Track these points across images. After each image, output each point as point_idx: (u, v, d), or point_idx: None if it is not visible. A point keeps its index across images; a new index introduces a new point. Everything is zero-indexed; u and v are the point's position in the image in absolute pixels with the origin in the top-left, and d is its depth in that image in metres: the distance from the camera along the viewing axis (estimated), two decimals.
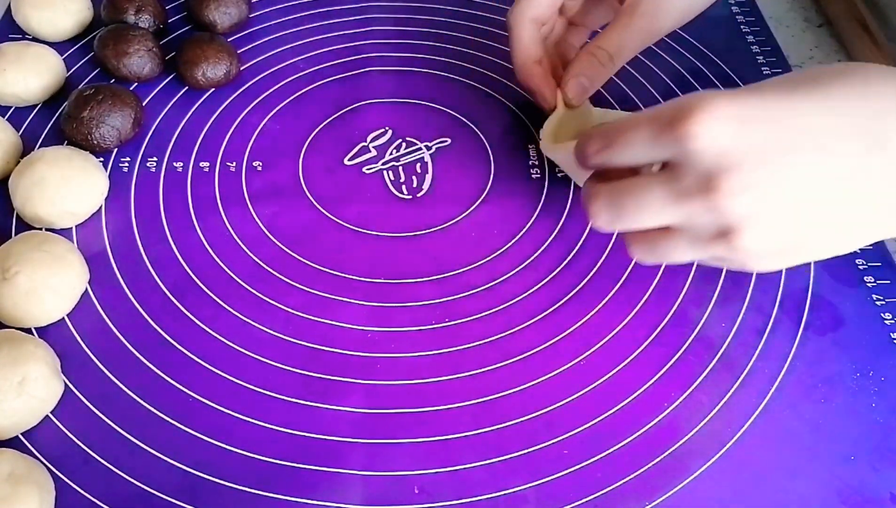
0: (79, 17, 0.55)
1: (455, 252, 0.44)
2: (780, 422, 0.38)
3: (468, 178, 0.48)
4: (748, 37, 0.57)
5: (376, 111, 0.52)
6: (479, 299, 0.42)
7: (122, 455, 0.36)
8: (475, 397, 0.38)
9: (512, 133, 0.50)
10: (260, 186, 0.47)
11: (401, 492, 0.35)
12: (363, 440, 0.37)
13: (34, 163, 0.44)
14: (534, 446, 0.37)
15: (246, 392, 0.38)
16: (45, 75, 0.50)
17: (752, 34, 0.57)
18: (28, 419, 0.37)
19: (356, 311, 0.42)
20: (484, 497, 0.35)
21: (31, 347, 0.37)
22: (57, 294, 0.40)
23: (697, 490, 0.35)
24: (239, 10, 0.55)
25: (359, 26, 0.57)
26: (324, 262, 0.44)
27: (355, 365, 0.39)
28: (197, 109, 0.51)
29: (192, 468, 0.36)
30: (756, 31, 0.57)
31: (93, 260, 0.43)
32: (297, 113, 0.51)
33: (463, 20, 0.58)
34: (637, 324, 0.41)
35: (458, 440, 0.37)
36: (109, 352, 0.40)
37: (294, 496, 0.35)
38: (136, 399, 0.38)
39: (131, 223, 0.45)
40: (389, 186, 0.48)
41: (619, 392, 0.38)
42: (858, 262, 0.44)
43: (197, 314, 0.41)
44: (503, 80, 0.54)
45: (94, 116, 0.47)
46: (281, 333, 0.41)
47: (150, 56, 0.51)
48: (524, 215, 0.46)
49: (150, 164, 0.48)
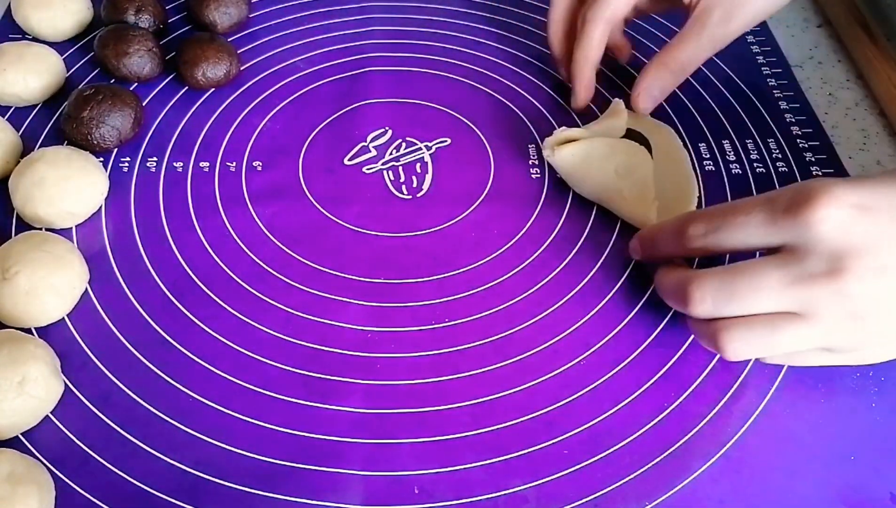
0: (79, 17, 0.55)
1: (455, 252, 0.44)
2: (780, 422, 0.38)
3: (468, 178, 0.48)
4: (748, 36, 0.57)
5: (376, 111, 0.52)
6: (479, 299, 0.42)
7: (122, 455, 0.36)
8: (475, 397, 0.38)
9: (512, 133, 0.50)
10: (260, 187, 0.47)
11: (401, 492, 0.35)
12: (363, 440, 0.37)
13: (34, 163, 0.44)
14: (534, 446, 0.37)
15: (246, 392, 0.38)
16: (45, 75, 0.50)
17: (751, 34, 0.57)
18: (28, 419, 0.37)
19: (356, 311, 0.42)
20: (484, 497, 0.35)
21: (31, 347, 0.37)
22: (57, 294, 0.40)
23: (697, 490, 0.35)
24: (239, 10, 0.55)
25: (359, 26, 0.57)
26: (324, 262, 0.44)
27: (355, 365, 0.39)
28: (197, 109, 0.51)
29: (192, 468, 0.36)
30: (756, 31, 0.57)
31: (93, 260, 0.43)
32: (297, 113, 0.51)
33: (463, 20, 0.58)
34: (637, 324, 0.41)
35: (458, 441, 0.37)
36: (109, 352, 0.40)
37: (294, 496, 0.35)
38: (136, 399, 0.38)
39: (131, 223, 0.45)
40: (389, 186, 0.48)
41: (619, 392, 0.38)
42: None
43: (197, 314, 0.41)
44: (503, 80, 0.54)
45: (94, 116, 0.47)
46: (281, 333, 0.41)
47: (150, 56, 0.51)
48: (524, 215, 0.46)
49: (150, 164, 0.48)
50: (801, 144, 0.50)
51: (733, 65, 0.55)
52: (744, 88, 0.53)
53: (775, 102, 0.52)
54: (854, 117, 0.53)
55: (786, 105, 0.52)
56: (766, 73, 0.54)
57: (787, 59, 0.55)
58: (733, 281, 0.32)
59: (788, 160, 0.49)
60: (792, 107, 0.52)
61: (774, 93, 0.53)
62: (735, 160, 0.49)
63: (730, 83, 0.54)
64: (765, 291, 0.32)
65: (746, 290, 0.32)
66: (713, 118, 0.51)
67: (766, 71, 0.54)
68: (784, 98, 0.53)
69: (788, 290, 0.31)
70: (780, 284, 0.31)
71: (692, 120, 0.51)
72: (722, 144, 0.50)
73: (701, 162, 0.49)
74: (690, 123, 0.51)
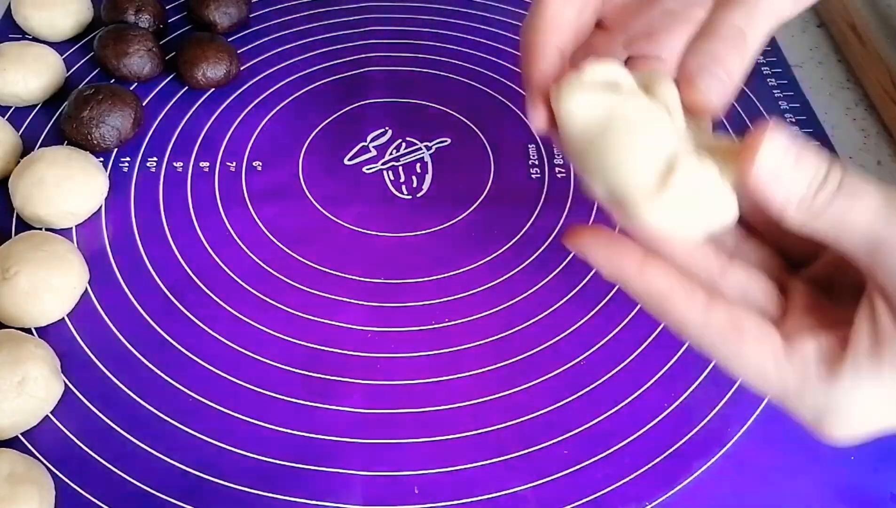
0: (79, 17, 0.55)
1: (455, 252, 0.44)
2: (780, 422, 0.37)
3: (468, 178, 0.48)
4: None
5: (376, 111, 0.52)
6: (479, 299, 0.42)
7: (122, 455, 0.36)
8: (475, 397, 0.38)
9: (512, 133, 0.50)
10: (260, 187, 0.47)
11: (401, 492, 0.35)
12: (363, 441, 0.37)
13: (34, 163, 0.44)
14: (534, 446, 0.37)
15: (246, 392, 0.38)
16: (45, 75, 0.50)
17: None
18: (28, 419, 0.36)
19: (356, 311, 0.42)
20: (484, 497, 0.35)
21: (31, 347, 0.37)
22: (57, 294, 0.40)
23: (697, 490, 0.35)
24: (239, 10, 0.55)
25: (359, 26, 0.57)
26: (324, 262, 0.44)
27: (355, 365, 0.39)
28: (197, 109, 0.51)
29: (192, 468, 0.36)
30: None
31: (92, 260, 0.43)
32: (297, 113, 0.51)
33: (463, 20, 0.58)
34: (637, 324, 0.41)
35: (458, 441, 0.37)
36: (109, 352, 0.40)
37: (294, 496, 0.35)
38: (136, 399, 0.38)
39: (131, 223, 0.45)
40: (389, 187, 0.48)
41: (619, 392, 0.38)
42: None
43: (197, 314, 0.41)
44: (503, 80, 0.54)
45: (94, 115, 0.47)
46: (281, 333, 0.41)
47: (150, 56, 0.51)
48: (524, 215, 0.46)
49: (150, 164, 0.48)
50: None
51: None
52: (743, 88, 0.53)
53: (775, 101, 0.52)
54: (854, 117, 0.53)
55: (786, 105, 0.52)
56: (766, 73, 0.54)
57: (787, 59, 0.55)
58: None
59: None
60: (792, 107, 0.52)
61: (774, 93, 0.53)
62: None
63: None
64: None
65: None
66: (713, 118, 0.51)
67: (766, 71, 0.54)
68: (784, 98, 0.53)
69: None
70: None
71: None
72: None
73: None
74: None
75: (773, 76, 0.54)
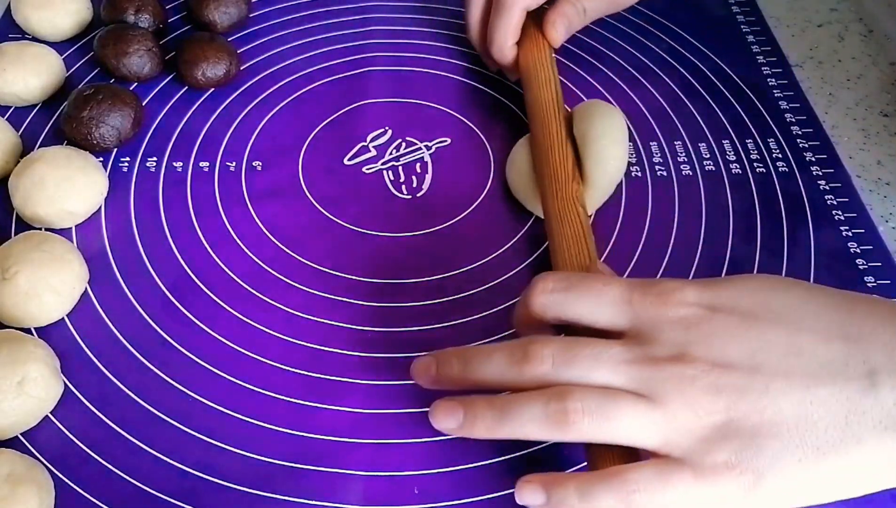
0: (79, 17, 0.55)
1: (455, 252, 0.44)
2: None
3: (468, 178, 0.48)
4: (748, 36, 0.57)
5: (376, 111, 0.52)
6: (478, 300, 0.42)
7: (122, 455, 0.36)
8: None
9: (512, 133, 0.50)
10: (260, 187, 0.47)
11: (401, 492, 0.35)
12: (363, 441, 0.37)
13: (34, 163, 0.44)
14: (534, 446, 0.37)
15: (246, 392, 0.38)
16: (45, 75, 0.50)
17: (752, 34, 0.57)
18: (28, 420, 0.36)
19: (356, 311, 0.41)
20: (484, 498, 0.35)
21: (31, 347, 0.37)
22: (57, 294, 0.40)
23: None
24: (239, 10, 0.55)
25: (359, 26, 0.57)
26: (324, 262, 0.44)
27: (355, 365, 0.39)
28: (197, 108, 0.51)
29: (192, 468, 0.36)
30: (756, 31, 0.57)
31: (92, 260, 0.43)
32: (297, 113, 0.51)
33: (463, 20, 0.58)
34: None
35: (458, 441, 0.37)
36: (109, 352, 0.40)
37: (294, 496, 0.35)
38: (136, 399, 0.38)
39: (131, 223, 0.45)
40: (389, 187, 0.48)
41: None
42: (858, 262, 0.44)
43: (197, 314, 0.41)
44: (503, 80, 0.54)
45: (94, 115, 0.47)
46: (281, 333, 0.41)
47: (150, 56, 0.51)
48: (524, 215, 0.46)
49: (150, 164, 0.48)
50: (801, 144, 0.50)
51: (733, 64, 0.55)
52: (744, 88, 0.53)
53: (775, 101, 0.52)
54: (854, 117, 0.53)
55: (786, 105, 0.52)
56: (766, 72, 0.54)
57: (787, 59, 0.55)
58: (576, 346, 0.31)
59: (788, 160, 0.49)
60: (792, 107, 0.52)
61: (774, 92, 0.53)
62: (735, 160, 0.49)
63: (729, 83, 0.54)
64: (606, 362, 0.31)
65: (588, 357, 0.31)
66: (713, 118, 0.51)
67: (766, 71, 0.54)
68: (784, 98, 0.53)
69: (631, 367, 0.30)
70: (623, 358, 0.31)
71: (692, 120, 0.51)
72: (722, 144, 0.50)
73: (701, 162, 0.49)
74: (690, 122, 0.51)
75: (773, 76, 0.54)
